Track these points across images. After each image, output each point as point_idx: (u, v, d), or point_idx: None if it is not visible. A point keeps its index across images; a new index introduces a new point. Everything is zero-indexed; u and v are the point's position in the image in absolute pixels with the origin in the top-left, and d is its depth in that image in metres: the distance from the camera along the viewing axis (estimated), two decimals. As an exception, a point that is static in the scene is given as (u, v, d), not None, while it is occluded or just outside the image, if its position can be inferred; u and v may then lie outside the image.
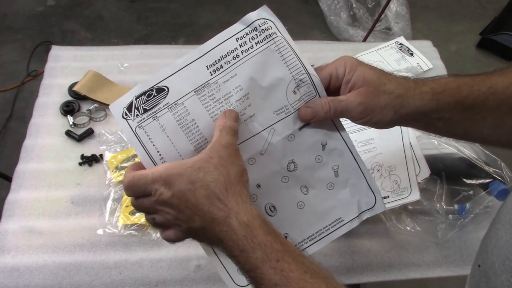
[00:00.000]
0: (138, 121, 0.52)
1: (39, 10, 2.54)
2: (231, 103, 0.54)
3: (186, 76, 0.53)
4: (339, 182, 0.59)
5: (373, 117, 0.54)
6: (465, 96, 0.53)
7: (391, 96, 0.53)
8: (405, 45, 1.20)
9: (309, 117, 0.56)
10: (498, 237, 0.47)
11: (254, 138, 0.56)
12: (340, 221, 0.60)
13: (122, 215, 0.81)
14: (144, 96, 0.52)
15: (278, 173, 0.57)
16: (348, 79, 0.55)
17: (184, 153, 0.53)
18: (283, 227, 0.58)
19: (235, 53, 0.54)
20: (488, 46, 2.48)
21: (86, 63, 1.08)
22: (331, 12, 2.49)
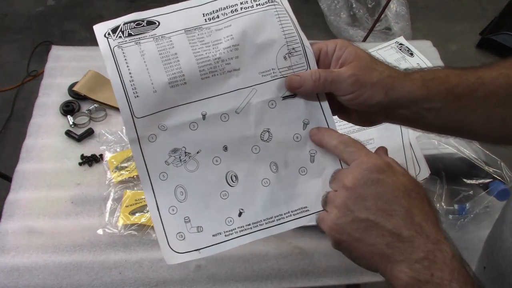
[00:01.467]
0: (119, 42, 0.51)
1: (39, 10, 2.54)
2: (219, 49, 0.52)
3: (180, 17, 0.53)
4: (314, 169, 0.54)
5: (363, 93, 0.51)
6: (455, 84, 0.52)
7: (382, 75, 0.51)
8: (405, 45, 1.20)
9: (296, 85, 0.53)
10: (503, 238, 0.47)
11: (233, 93, 0.53)
12: (304, 210, 0.54)
13: (122, 215, 0.81)
14: (133, 23, 0.52)
15: (249, 140, 0.53)
16: (339, 55, 0.53)
17: (157, 83, 0.51)
18: (241, 201, 0.53)
19: (234, 8, 0.54)
20: (488, 46, 2.48)
21: (86, 63, 1.08)
22: (331, 12, 2.49)
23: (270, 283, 0.78)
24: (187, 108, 0.52)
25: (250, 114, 0.53)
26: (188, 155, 0.52)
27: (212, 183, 0.53)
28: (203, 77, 0.52)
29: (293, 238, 0.82)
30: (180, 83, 0.51)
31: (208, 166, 0.53)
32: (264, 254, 0.80)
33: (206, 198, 0.53)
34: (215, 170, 0.53)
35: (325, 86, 0.52)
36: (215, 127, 0.52)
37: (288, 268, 0.79)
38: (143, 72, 0.51)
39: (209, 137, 0.52)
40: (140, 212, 0.82)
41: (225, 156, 0.53)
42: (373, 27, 2.01)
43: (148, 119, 0.52)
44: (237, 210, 0.53)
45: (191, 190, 0.53)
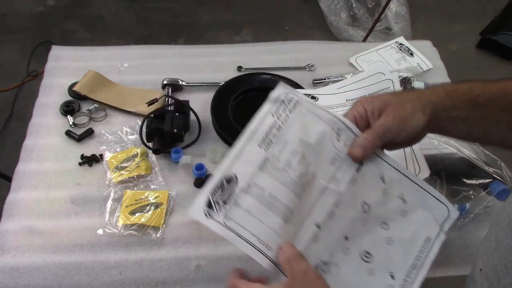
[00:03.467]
0: (224, 215, 0.53)
1: (39, 10, 2.54)
2: (294, 167, 0.56)
3: (245, 159, 0.56)
4: (410, 206, 0.61)
5: (410, 124, 0.57)
6: (477, 95, 0.57)
7: (412, 102, 0.57)
8: (405, 45, 1.20)
9: (361, 154, 0.58)
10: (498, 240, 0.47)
11: (325, 194, 0.58)
12: (428, 240, 0.60)
13: (122, 215, 0.81)
14: (217, 189, 0.53)
15: (357, 218, 0.58)
16: (372, 111, 0.59)
17: (276, 228, 0.53)
18: (386, 268, 0.58)
19: (277, 125, 0.58)
20: (488, 46, 2.48)
21: (86, 63, 1.08)
22: (331, 12, 2.49)
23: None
24: (303, 229, 0.55)
25: (346, 200, 0.58)
26: (326, 263, 0.56)
27: (356, 271, 0.57)
28: (299, 197, 0.55)
29: (293, 238, 0.81)
30: (289, 215, 0.54)
31: (344, 260, 0.57)
32: (264, 254, 0.80)
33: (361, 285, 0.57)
34: (350, 258, 0.57)
35: (381, 140, 0.58)
36: (330, 228, 0.56)
37: (288, 268, 0.79)
38: (262, 227, 0.53)
39: (331, 238, 0.56)
40: (140, 212, 0.82)
41: (350, 244, 0.58)
42: (373, 27, 2.01)
43: None
44: (388, 276, 0.58)
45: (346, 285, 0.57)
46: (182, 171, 0.90)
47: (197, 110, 0.96)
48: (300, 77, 1.08)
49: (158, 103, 0.98)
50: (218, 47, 1.19)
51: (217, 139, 0.95)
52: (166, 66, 1.10)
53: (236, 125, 0.95)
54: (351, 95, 0.96)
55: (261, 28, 2.52)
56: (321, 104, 0.82)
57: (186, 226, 0.82)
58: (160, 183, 0.87)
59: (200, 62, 1.13)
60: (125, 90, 1.04)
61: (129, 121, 0.98)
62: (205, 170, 0.89)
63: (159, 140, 0.90)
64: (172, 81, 1.04)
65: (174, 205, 0.85)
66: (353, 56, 1.15)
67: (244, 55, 1.15)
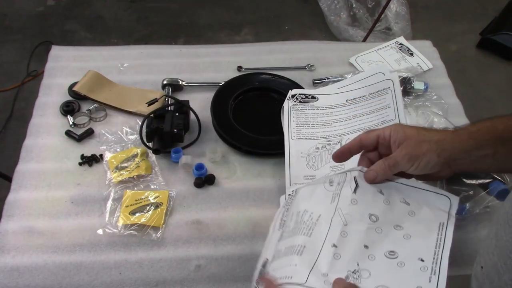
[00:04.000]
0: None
1: (39, 10, 2.54)
2: (300, 221, 0.64)
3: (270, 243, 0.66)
4: (415, 207, 0.64)
5: (419, 163, 0.61)
6: (502, 131, 0.60)
7: (431, 143, 0.61)
8: (405, 45, 1.20)
9: (373, 177, 0.63)
10: (498, 237, 0.47)
11: (333, 221, 0.62)
12: (442, 225, 0.63)
13: (122, 215, 0.81)
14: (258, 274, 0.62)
15: (369, 229, 0.62)
16: (394, 139, 0.63)
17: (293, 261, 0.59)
18: (414, 256, 0.61)
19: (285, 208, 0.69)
20: (488, 46, 2.48)
21: (86, 63, 1.09)
22: (331, 12, 2.49)
23: (270, 283, 0.78)
24: (322, 254, 0.59)
25: (352, 217, 0.61)
26: (356, 271, 0.58)
27: (387, 269, 0.59)
28: (309, 236, 0.62)
29: (293, 238, 0.81)
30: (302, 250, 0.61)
31: (371, 264, 0.59)
32: (264, 254, 0.80)
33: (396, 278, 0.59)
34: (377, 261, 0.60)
35: (392, 170, 0.62)
36: (347, 243, 0.60)
37: (288, 268, 0.79)
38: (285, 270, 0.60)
39: (351, 251, 0.59)
40: (140, 212, 0.82)
41: (371, 250, 0.60)
42: (373, 27, 2.01)
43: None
44: (418, 261, 0.61)
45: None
46: (182, 171, 0.90)
47: (197, 110, 0.96)
48: (300, 77, 1.08)
49: (158, 103, 0.98)
50: (218, 47, 1.19)
51: (217, 139, 0.95)
52: (166, 66, 1.10)
53: (236, 125, 0.95)
54: (351, 95, 0.96)
55: (261, 28, 2.52)
56: (321, 103, 0.92)
57: (186, 226, 0.82)
58: (160, 183, 0.87)
59: (200, 62, 1.13)
60: (125, 90, 1.04)
61: (129, 121, 0.98)
62: (205, 170, 0.89)
63: (159, 140, 0.90)
64: (172, 81, 1.04)
65: (174, 205, 0.85)
66: (353, 56, 1.15)
67: (244, 55, 1.15)
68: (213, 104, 0.97)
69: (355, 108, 0.93)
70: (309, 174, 0.86)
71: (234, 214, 0.85)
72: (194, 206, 0.85)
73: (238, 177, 0.90)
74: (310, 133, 0.92)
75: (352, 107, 0.94)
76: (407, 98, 1.03)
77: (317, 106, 0.95)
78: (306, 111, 0.95)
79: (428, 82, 1.07)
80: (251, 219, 0.84)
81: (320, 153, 0.89)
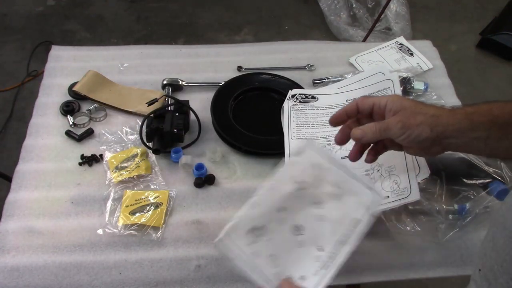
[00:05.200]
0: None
1: (39, 10, 2.54)
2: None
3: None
4: (342, 191, 0.66)
5: (411, 133, 0.61)
6: (497, 115, 0.60)
7: (426, 116, 0.61)
8: (405, 45, 1.20)
9: (360, 136, 0.64)
10: (495, 240, 0.47)
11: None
12: (355, 220, 0.65)
13: (122, 215, 0.81)
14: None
15: (291, 194, 0.63)
16: (390, 108, 0.64)
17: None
18: (315, 242, 0.63)
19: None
20: (488, 46, 2.48)
21: (86, 63, 1.09)
22: (331, 12, 2.49)
23: (270, 283, 0.78)
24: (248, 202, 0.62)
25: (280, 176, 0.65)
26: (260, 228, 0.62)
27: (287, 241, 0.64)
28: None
29: (293, 238, 0.81)
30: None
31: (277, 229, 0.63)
32: (264, 254, 0.80)
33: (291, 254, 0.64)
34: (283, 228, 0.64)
35: (381, 134, 0.63)
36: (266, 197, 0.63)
37: (288, 268, 0.79)
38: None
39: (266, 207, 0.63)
40: (140, 212, 0.82)
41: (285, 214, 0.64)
42: (373, 27, 2.01)
43: None
44: (315, 249, 0.64)
45: None
46: (182, 171, 0.90)
47: (197, 110, 0.96)
48: (300, 77, 1.08)
49: (158, 103, 0.98)
50: (218, 47, 1.19)
51: (217, 139, 0.95)
52: (166, 66, 1.10)
53: (236, 125, 0.95)
54: (351, 95, 0.96)
55: (261, 28, 2.52)
56: (321, 103, 0.94)
57: (186, 226, 0.82)
58: (160, 183, 0.87)
59: (200, 62, 1.13)
60: (125, 90, 1.04)
61: (129, 121, 0.98)
62: (205, 170, 0.89)
63: (159, 140, 0.90)
64: (172, 81, 1.04)
65: (174, 205, 0.85)
66: (353, 56, 1.15)
67: (244, 55, 1.15)
68: (213, 104, 0.97)
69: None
70: None
71: (234, 214, 0.84)
72: (194, 206, 0.85)
73: (238, 177, 0.90)
74: (310, 133, 0.92)
75: None
76: (407, 98, 1.03)
77: (317, 106, 0.95)
78: (306, 111, 0.95)
79: (428, 82, 1.07)
80: (251, 219, 0.84)
81: None
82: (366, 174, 0.83)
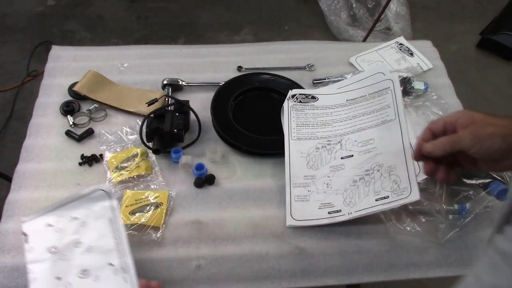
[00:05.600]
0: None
1: (39, 10, 2.54)
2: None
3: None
4: (83, 217, 0.69)
5: (483, 144, 0.61)
6: None
7: (497, 126, 0.61)
8: (405, 45, 1.20)
9: (429, 150, 0.66)
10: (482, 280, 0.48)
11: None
12: (111, 221, 0.68)
13: (122, 215, 0.81)
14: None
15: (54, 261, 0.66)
16: (461, 122, 0.65)
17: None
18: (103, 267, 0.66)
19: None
20: (488, 46, 2.48)
21: (86, 63, 1.09)
22: (331, 12, 2.49)
23: (270, 283, 0.78)
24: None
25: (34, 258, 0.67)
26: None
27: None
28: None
29: (293, 238, 0.82)
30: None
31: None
32: (264, 254, 0.80)
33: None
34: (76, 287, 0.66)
35: (452, 146, 0.64)
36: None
37: (288, 268, 0.79)
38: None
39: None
40: (140, 212, 0.82)
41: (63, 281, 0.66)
42: (373, 27, 2.01)
43: None
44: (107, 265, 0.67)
45: None
46: (182, 171, 0.90)
47: (197, 110, 0.96)
48: (300, 77, 1.08)
49: (158, 103, 0.98)
50: (218, 47, 1.19)
51: (217, 139, 0.95)
52: (166, 66, 1.10)
53: (236, 125, 0.95)
54: (351, 95, 0.96)
55: (261, 28, 2.52)
56: (321, 103, 0.94)
57: (186, 226, 0.82)
58: (160, 183, 0.87)
59: (200, 62, 1.13)
60: (125, 90, 1.04)
61: (129, 121, 0.98)
62: (205, 170, 0.89)
63: (159, 140, 0.90)
64: (172, 81, 1.04)
65: (174, 205, 0.85)
66: (353, 56, 1.15)
67: (244, 55, 1.15)
68: (213, 104, 0.97)
69: (355, 108, 0.93)
70: (309, 174, 0.86)
71: (234, 214, 0.85)
72: (194, 206, 0.85)
73: (238, 177, 0.90)
74: (310, 133, 0.92)
75: (352, 107, 0.94)
76: (407, 98, 1.03)
77: (317, 106, 0.95)
78: (306, 111, 0.95)
79: (428, 82, 1.07)
80: (251, 219, 0.84)
81: (320, 153, 0.89)
82: (366, 174, 0.83)
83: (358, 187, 0.82)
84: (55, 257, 0.65)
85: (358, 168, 0.85)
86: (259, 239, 0.81)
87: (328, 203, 0.82)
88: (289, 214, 0.83)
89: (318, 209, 0.82)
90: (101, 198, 0.69)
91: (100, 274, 0.64)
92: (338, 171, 0.85)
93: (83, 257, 0.65)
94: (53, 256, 0.65)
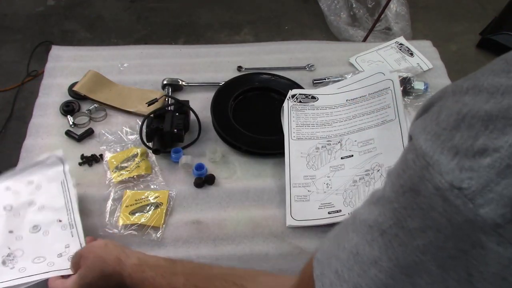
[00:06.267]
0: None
1: (39, 10, 2.54)
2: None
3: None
4: (37, 181, 0.79)
5: None
6: None
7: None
8: (405, 45, 1.20)
9: None
10: None
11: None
12: (63, 183, 0.79)
13: (122, 215, 0.81)
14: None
15: (9, 216, 0.75)
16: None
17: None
18: (53, 223, 0.75)
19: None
20: (488, 46, 2.48)
21: (86, 63, 1.08)
22: (331, 12, 2.49)
23: (270, 283, 0.78)
24: None
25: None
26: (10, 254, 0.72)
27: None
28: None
29: (293, 238, 0.82)
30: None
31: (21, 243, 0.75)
32: (264, 254, 0.80)
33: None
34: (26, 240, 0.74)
35: None
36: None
37: (288, 268, 0.79)
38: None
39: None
40: (140, 212, 0.82)
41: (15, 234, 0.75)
42: (373, 27, 2.01)
43: None
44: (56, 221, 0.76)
45: None
46: (182, 171, 0.90)
47: (197, 110, 0.96)
48: (300, 77, 1.08)
49: (158, 103, 0.98)
50: (218, 47, 1.19)
51: (217, 139, 0.95)
52: (166, 66, 1.10)
53: (236, 125, 0.95)
54: (351, 95, 0.96)
55: (261, 28, 2.52)
56: (321, 103, 0.94)
57: (186, 226, 0.82)
58: (160, 183, 0.87)
59: (200, 62, 1.13)
60: (125, 90, 1.04)
61: (129, 121, 0.98)
62: (205, 170, 0.89)
63: (159, 140, 0.90)
64: (172, 81, 1.04)
65: (174, 205, 0.85)
66: (353, 56, 1.15)
67: (244, 55, 1.15)
68: (213, 104, 0.97)
69: (355, 108, 0.93)
70: (309, 174, 0.86)
71: (234, 214, 0.85)
72: (194, 206, 0.85)
73: (238, 177, 0.90)
74: (310, 133, 0.92)
75: (352, 107, 0.94)
76: (407, 98, 1.03)
77: (317, 106, 0.95)
78: (306, 111, 0.95)
79: (428, 82, 1.07)
80: (251, 219, 0.84)
81: (320, 153, 0.89)
82: (366, 174, 0.83)
83: (358, 187, 0.82)
84: (10, 214, 0.74)
85: (358, 168, 0.85)
86: (259, 239, 0.81)
87: (328, 203, 0.82)
88: (289, 214, 0.83)
89: (318, 209, 0.82)
90: (55, 163, 0.79)
91: (49, 229, 0.74)
92: (338, 171, 0.85)
93: (35, 214, 0.75)
94: (8, 213, 0.74)
